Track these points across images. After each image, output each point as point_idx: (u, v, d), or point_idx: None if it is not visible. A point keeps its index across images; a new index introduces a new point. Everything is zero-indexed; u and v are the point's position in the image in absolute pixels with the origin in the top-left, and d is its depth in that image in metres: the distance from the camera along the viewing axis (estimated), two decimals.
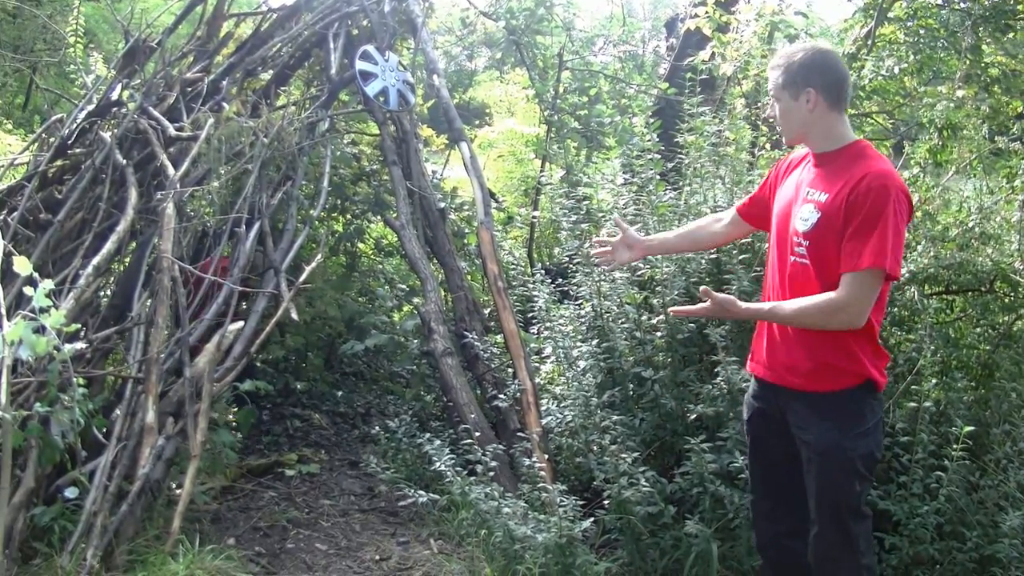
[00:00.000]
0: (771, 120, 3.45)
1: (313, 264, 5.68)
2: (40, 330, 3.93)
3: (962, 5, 7.18)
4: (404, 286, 7.97)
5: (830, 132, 3.23)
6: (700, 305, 3.29)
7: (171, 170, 5.49)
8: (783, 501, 3.50)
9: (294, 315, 5.32)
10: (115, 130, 6.02)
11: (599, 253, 4.02)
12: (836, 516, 3.23)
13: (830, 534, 3.25)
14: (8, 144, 9.57)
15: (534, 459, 4.83)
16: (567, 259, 5.63)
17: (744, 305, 3.26)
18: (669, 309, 3.50)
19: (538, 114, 10.39)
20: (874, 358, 3.21)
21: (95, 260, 4.98)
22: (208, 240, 5.70)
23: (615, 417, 4.60)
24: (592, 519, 4.33)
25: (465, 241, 7.67)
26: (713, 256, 5.03)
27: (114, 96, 6.50)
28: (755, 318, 3.44)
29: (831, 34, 9.38)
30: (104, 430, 4.49)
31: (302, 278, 5.51)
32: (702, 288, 3.25)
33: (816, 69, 3.20)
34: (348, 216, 7.65)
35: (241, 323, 5.22)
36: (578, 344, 5.15)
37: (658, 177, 5.64)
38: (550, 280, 5.63)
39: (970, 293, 5.22)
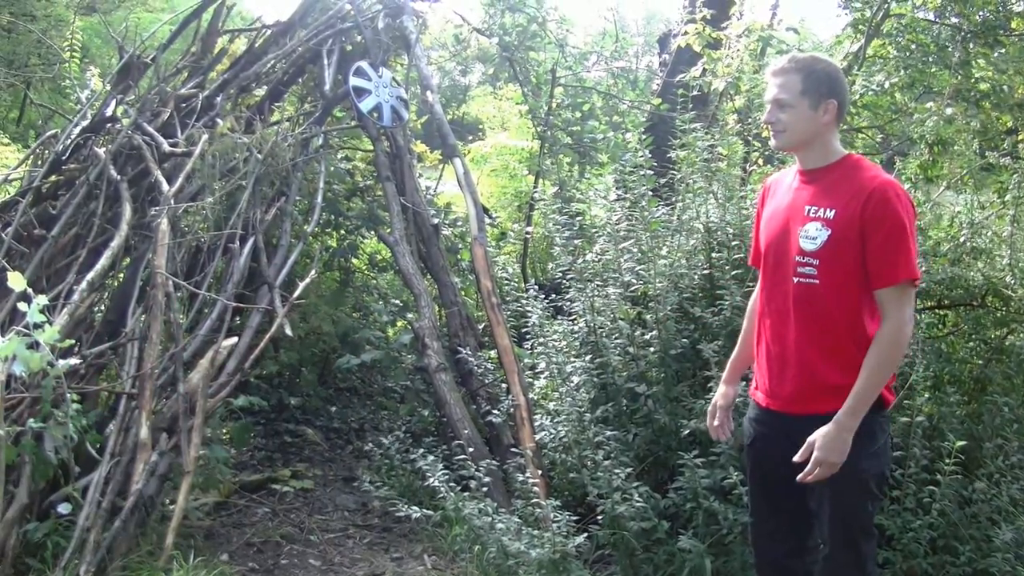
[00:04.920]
0: (769, 125, 3.29)
1: (307, 280, 5.69)
2: (34, 346, 3.94)
3: (953, 20, 7.23)
4: (398, 301, 7.97)
5: (829, 146, 3.19)
6: (812, 463, 3.05)
7: (165, 186, 5.50)
8: (784, 522, 3.43)
9: (288, 331, 5.32)
10: (110, 146, 6.02)
11: (720, 432, 3.69)
12: (849, 538, 3.19)
13: (841, 556, 3.21)
14: (5, 157, 9.56)
15: (528, 475, 4.82)
16: (560, 275, 5.64)
17: (840, 420, 3.02)
18: (800, 479, 3.12)
19: (531, 130, 10.43)
20: None
21: (89, 275, 4.99)
22: (202, 256, 5.70)
23: (608, 432, 4.60)
24: (586, 534, 4.32)
25: (459, 257, 7.68)
26: (706, 272, 5.05)
27: (109, 112, 6.52)
28: (863, 410, 3.05)
29: (822, 49, 9.44)
30: (98, 446, 4.48)
31: (296, 293, 5.53)
32: (796, 458, 3.08)
33: (838, 82, 3.16)
34: (342, 232, 7.66)
35: (235, 339, 5.22)
36: (572, 360, 5.15)
37: (651, 193, 5.67)
38: (544, 296, 5.63)
39: (962, 308, 5.24)
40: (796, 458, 3.08)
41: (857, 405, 3.02)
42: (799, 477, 3.09)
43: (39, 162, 6.51)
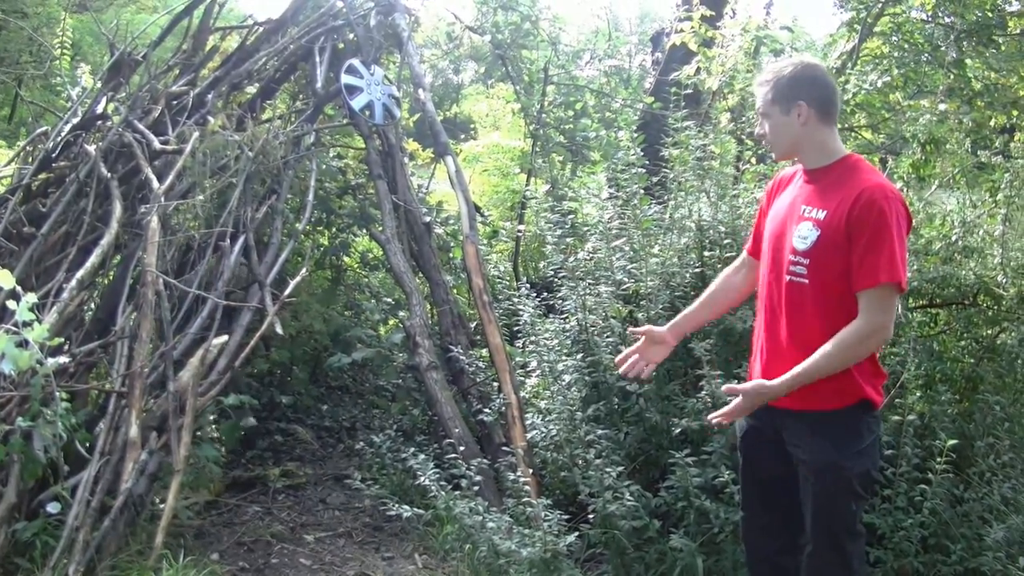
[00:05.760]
0: (761, 138, 3.40)
1: (298, 278, 5.66)
2: (23, 344, 3.92)
3: (946, 20, 7.23)
4: (389, 300, 7.96)
5: (822, 146, 3.21)
6: (733, 403, 3.14)
7: (156, 183, 5.48)
8: (776, 518, 3.46)
9: (279, 329, 5.30)
10: (100, 143, 6.00)
11: (629, 368, 3.70)
12: (831, 535, 3.21)
13: (825, 553, 3.23)
14: None
15: (519, 473, 4.82)
16: (552, 273, 5.63)
17: (776, 381, 3.09)
18: (709, 417, 3.23)
19: (523, 128, 10.41)
20: (872, 377, 3.18)
21: (79, 274, 4.97)
22: (193, 254, 5.68)
23: (600, 431, 4.59)
24: (577, 533, 4.31)
25: (450, 255, 7.67)
26: (698, 270, 5.04)
27: (99, 109, 6.49)
28: (794, 386, 3.10)
29: (816, 48, 9.44)
30: (87, 445, 4.47)
31: (287, 292, 5.50)
32: (725, 387, 3.16)
33: (806, 82, 3.18)
34: (333, 230, 7.64)
35: (226, 337, 5.20)
36: (563, 358, 5.13)
37: (643, 191, 5.66)
38: (535, 294, 5.63)
39: (954, 306, 5.24)
40: (723, 388, 3.19)
41: (792, 380, 3.07)
42: (710, 416, 3.21)
43: (29, 159, 6.49)
